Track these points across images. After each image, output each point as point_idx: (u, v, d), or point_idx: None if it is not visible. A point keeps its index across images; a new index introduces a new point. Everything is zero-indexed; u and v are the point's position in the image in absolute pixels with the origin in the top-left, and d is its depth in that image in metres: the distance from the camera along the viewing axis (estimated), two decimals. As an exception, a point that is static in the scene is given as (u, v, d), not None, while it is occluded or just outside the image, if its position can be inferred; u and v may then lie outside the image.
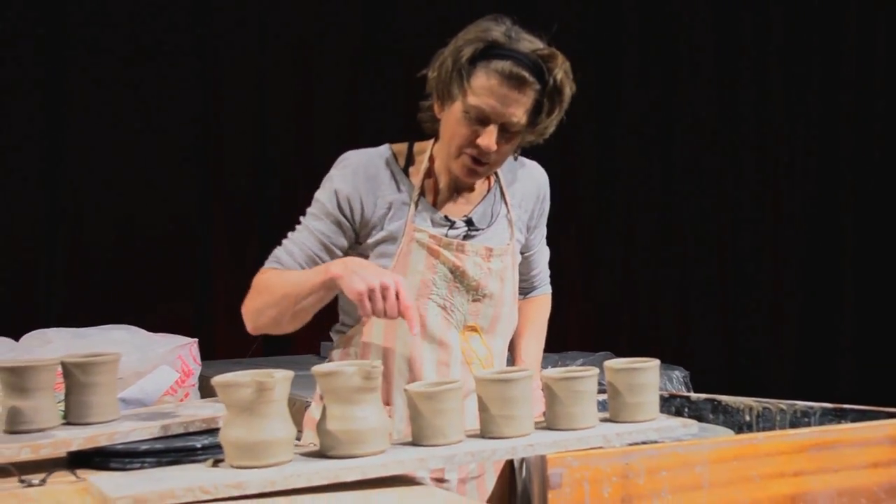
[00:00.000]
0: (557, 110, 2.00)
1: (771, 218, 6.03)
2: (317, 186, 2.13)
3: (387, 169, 2.07)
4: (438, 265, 2.05)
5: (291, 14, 5.05)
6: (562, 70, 1.97)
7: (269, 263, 2.08)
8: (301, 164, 4.98)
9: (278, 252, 2.08)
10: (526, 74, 1.93)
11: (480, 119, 1.96)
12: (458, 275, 2.06)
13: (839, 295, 5.94)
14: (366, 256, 2.08)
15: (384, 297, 1.80)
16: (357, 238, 2.08)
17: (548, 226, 2.30)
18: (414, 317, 1.82)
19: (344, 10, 5.18)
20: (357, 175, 2.05)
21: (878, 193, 5.89)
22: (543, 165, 2.27)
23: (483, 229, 2.11)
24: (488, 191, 2.15)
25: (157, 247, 4.76)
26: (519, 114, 1.96)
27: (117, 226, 4.71)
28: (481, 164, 2.00)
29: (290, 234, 2.11)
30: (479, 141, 1.96)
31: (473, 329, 2.10)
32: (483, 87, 1.94)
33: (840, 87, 5.97)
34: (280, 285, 2.00)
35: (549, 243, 2.35)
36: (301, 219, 2.11)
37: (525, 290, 2.31)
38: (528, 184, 2.21)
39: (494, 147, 1.97)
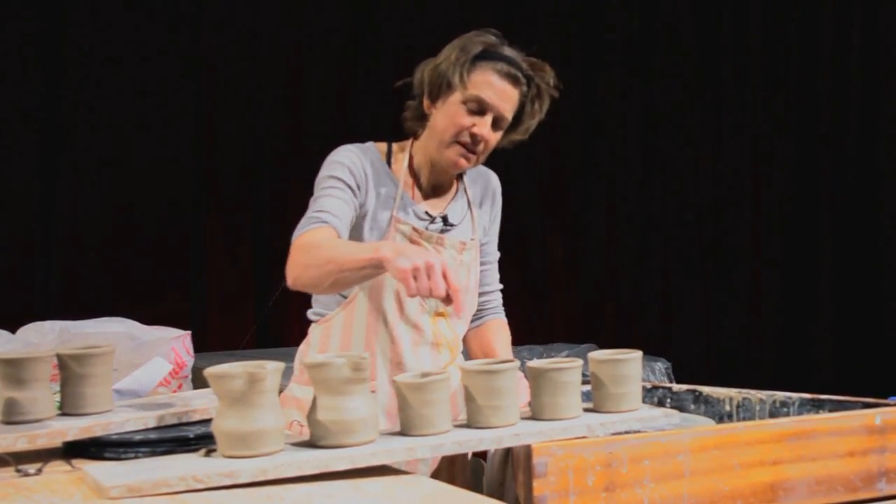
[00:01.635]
0: (538, 113, 2.21)
1: (750, 211, 6.06)
2: (309, 181, 2.20)
3: (377, 161, 2.22)
4: None
5: (282, 12, 5.07)
6: (547, 78, 2.19)
7: (309, 226, 2.07)
8: (293, 160, 5.00)
9: (319, 215, 2.08)
10: (519, 75, 2.16)
11: (478, 109, 2.13)
12: None
13: (817, 288, 5.98)
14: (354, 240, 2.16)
15: (429, 276, 1.82)
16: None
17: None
18: (461, 300, 1.86)
19: (333, 8, 5.20)
20: (361, 158, 2.19)
21: (855, 187, 5.92)
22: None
23: (456, 225, 2.26)
24: (457, 191, 2.31)
25: (152, 240, 4.78)
26: (509, 109, 2.16)
27: (112, 220, 4.73)
28: (472, 153, 2.16)
29: (319, 202, 2.11)
30: (475, 129, 2.13)
31: (441, 314, 2.23)
32: (483, 80, 2.13)
33: (817, 78, 6.00)
34: (328, 249, 2.01)
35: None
36: (320, 193, 2.13)
37: (481, 313, 2.39)
38: (486, 188, 2.38)
39: (489, 136, 2.15)
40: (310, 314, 2.28)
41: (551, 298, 5.65)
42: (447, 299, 1.83)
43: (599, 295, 5.87)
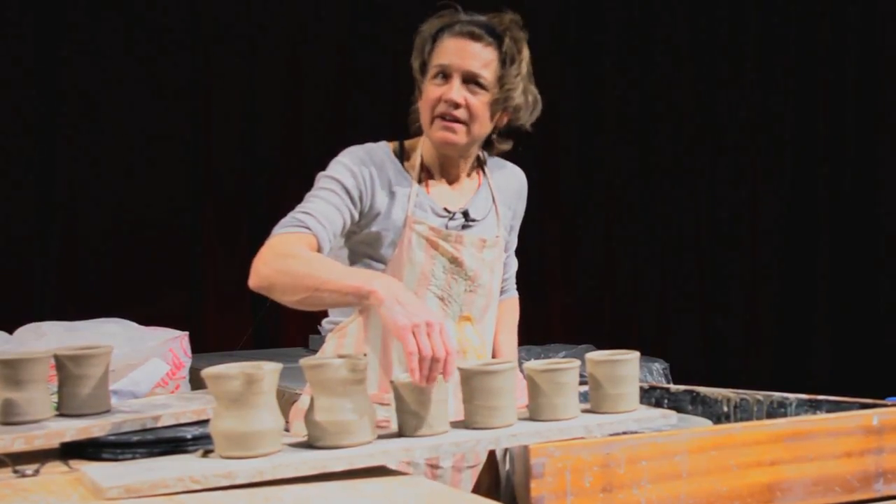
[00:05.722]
0: (516, 66, 2.08)
1: (748, 212, 6.07)
2: (306, 179, 2.13)
3: (389, 160, 2.12)
4: (437, 256, 2.09)
5: (281, 11, 5.07)
6: (513, 25, 2.09)
7: (290, 228, 1.96)
8: (290, 158, 5.00)
9: (304, 218, 1.98)
10: (479, 31, 2.06)
11: (444, 75, 2.06)
12: (456, 265, 2.11)
13: (814, 288, 5.98)
14: (366, 242, 2.09)
15: (428, 335, 1.72)
16: (358, 222, 2.08)
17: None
18: (453, 364, 1.72)
19: (332, 7, 5.20)
20: (366, 162, 2.09)
21: (853, 187, 5.93)
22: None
23: (478, 221, 2.17)
24: (479, 186, 2.22)
25: (149, 241, 4.77)
26: (477, 66, 2.05)
27: (110, 220, 4.72)
28: (454, 121, 2.07)
29: (310, 204, 2.01)
30: (445, 95, 2.05)
31: (467, 319, 2.14)
32: (444, 47, 2.07)
33: (815, 82, 6.01)
34: (308, 263, 1.89)
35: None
36: (315, 192, 2.05)
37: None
38: (512, 183, 2.30)
39: (459, 99, 2.05)
40: (325, 323, 2.19)
41: (549, 299, 5.65)
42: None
43: (597, 295, 5.87)
